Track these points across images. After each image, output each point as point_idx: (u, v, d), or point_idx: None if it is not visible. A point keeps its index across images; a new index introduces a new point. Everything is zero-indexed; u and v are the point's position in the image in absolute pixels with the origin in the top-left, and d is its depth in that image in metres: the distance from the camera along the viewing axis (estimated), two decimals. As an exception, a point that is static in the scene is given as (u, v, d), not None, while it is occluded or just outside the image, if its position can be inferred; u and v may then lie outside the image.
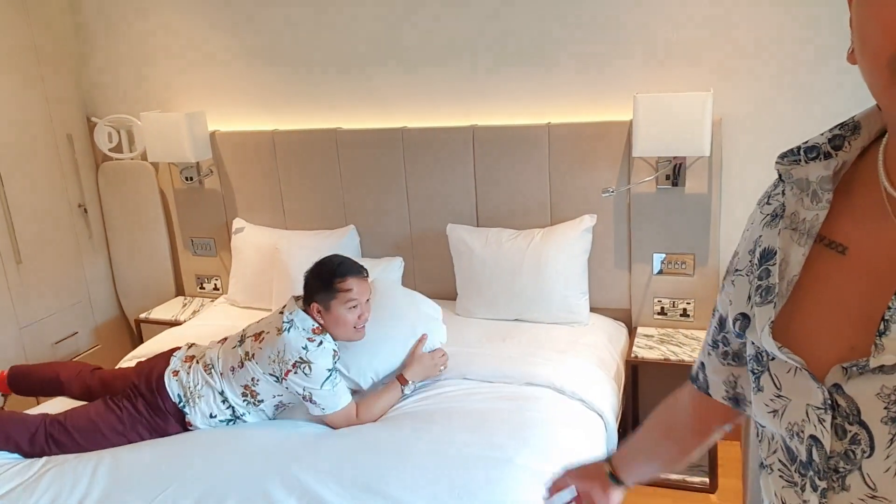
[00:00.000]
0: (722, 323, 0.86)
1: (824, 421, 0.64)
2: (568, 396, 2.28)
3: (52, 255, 3.28)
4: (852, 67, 0.63)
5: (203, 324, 3.06)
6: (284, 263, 3.03)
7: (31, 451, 2.14)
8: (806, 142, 0.73)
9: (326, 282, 2.22)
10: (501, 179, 2.91)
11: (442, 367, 2.40)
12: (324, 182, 3.17)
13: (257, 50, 3.18)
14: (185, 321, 3.20)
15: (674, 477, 2.64)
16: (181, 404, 2.21)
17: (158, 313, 3.38)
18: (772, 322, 0.70)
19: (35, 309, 3.18)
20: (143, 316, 3.39)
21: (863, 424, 0.61)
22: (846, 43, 0.64)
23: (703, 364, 0.92)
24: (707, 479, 2.62)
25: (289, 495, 1.83)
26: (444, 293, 3.04)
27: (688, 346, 2.67)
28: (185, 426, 2.23)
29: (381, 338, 2.38)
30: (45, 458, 2.11)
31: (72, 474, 2.00)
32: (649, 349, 2.66)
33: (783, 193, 0.75)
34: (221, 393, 2.21)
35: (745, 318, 0.77)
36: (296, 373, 2.13)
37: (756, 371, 0.74)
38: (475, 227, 2.95)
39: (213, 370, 2.25)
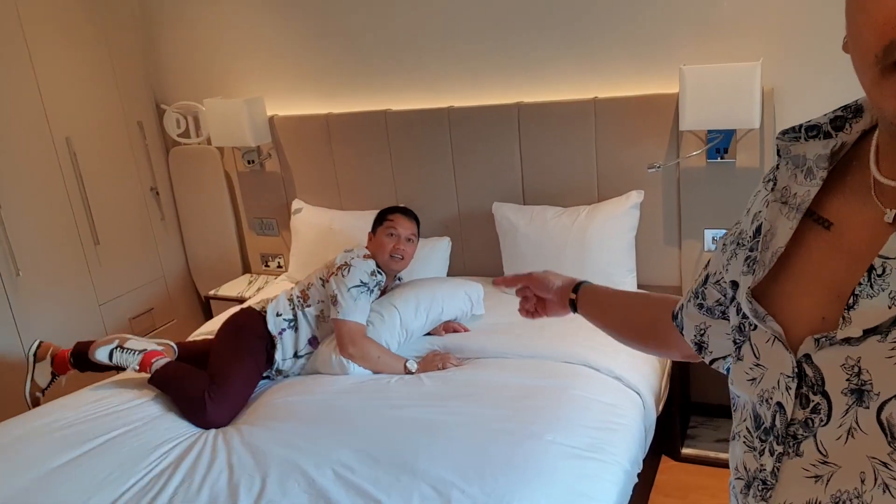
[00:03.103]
0: (706, 278, 0.90)
1: (790, 388, 0.67)
2: (604, 374, 2.28)
3: (128, 236, 3.50)
4: None
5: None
6: (338, 242, 3.13)
7: (197, 401, 2.27)
8: (808, 121, 0.74)
9: (381, 215, 2.72)
10: (547, 157, 2.90)
11: (439, 366, 2.44)
12: (375, 163, 3.25)
13: (310, 36, 3.27)
14: (249, 297, 3.37)
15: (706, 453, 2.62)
16: (262, 311, 2.58)
17: (226, 290, 3.57)
18: (749, 289, 0.73)
19: (113, 287, 3.42)
20: (212, 293, 3.58)
21: (825, 394, 0.64)
22: None
23: (682, 307, 0.97)
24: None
25: (324, 471, 1.91)
26: (491, 271, 3.07)
27: (738, 324, 2.61)
28: (270, 339, 2.52)
29: (410, 297, 2.60)
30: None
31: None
32: (696, 327, 2.61)
33: (777, 167, 0.77)
34: (289, 297, 2.62)
35: (734, 285, 0.80)
36: (337, 275, 2.51)
37: (738, 341, 0.77)
38: (520, 206, 2.96)
39: (286, 291, 2.69)
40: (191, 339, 2.96)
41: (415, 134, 3.12)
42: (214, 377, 2.35)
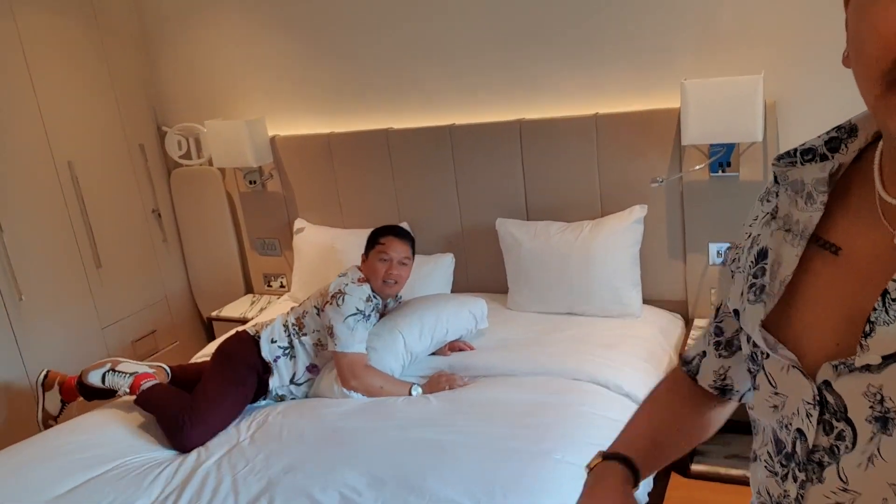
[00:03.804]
0: (717, 311, 0.89)
1: (811, 416, 0.66)
2: (613, 391, 2.26)
3: (130, 259, 3.49)
4: None
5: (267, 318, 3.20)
6: (340, 261, 3.12)
7: (174, 422, 2.27)
8: (803, 144, 0.74)
9: (374, 237, 2.62)
10: (550, 172, 2.90)
11: (446, 388, 2.41)
12: (377, 181, 3.24)
13: (311, 55, 3.28)
14: (252, 318, 3.35)
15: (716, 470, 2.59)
16: (255, 335, 2.54)
17: (229, 311, 3.55)
18: (762, 321, 0.71)
19: (115, 309, 3.40)
20: (214, 314, 3.56)
21: (848, 421, 0.63)
22: None
23: (701, 353, 0.93)
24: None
25: (330, 494, 1.88)
26: (496, 287, 3.06)
27: (745, 337, 2.59)
28: (263, 365, 2.48)
29: (414, 320, 2.57)
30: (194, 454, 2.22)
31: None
32: (703, 342, 2.59)
33: (777, 195, 0.76)
34: (284, 323, 2.56)
35: (737, 314, 0.79)
36: (331, 304, 2.44)
37: (752, 370, 0.76)
38: (524, 221, 2.95)
39: (283, 313, 2.65)
40: (193, 360, 2.95)
41: (417, 152, 3.12)
42: (194, 401, 2.35)
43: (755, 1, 2.50)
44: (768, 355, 0.72)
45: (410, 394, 2.39)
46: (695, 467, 2.68)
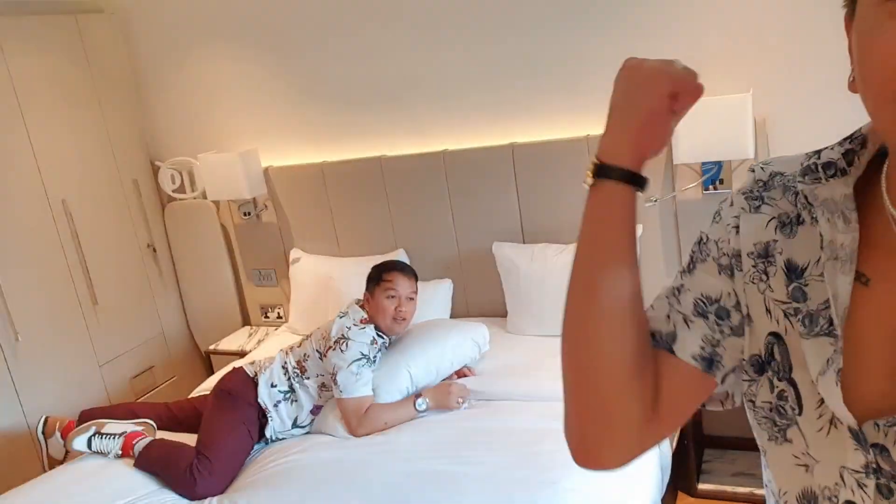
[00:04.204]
0: (709, 298, 0.71)
1: (866, 487, 0.58)
2: (616, 413, 2.25)
3: (126, 295, 3.48)
4: None
5: (262, 356, 3.17)
6: (338, 290, 3.12)
7: (185, 477, 2.23)
8: (818, 157, 0.66)
9: (377, 273, 2.55)
10: (544, 195, 2.91)
11: (460, 400, 2.41)
12: (372, 209, 3.25)
13: (302, 86, 3.29)
14: (250, 350, 3.33)
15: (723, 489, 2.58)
16: (254, 377, 2.49)
17: (226, 344, 3.53)
18: (839, 369, 0.59)
19: (112, 347, 3.38)
20: (212, 347, 3.54)
21: None
22: None
23: (685, 319, 0.72)
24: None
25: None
26: (495, 311, 3.06)
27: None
28: (260, 411, 2.43)
29: (418, 353, 2.52)
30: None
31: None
32: (705, 359, 2.59)
33: (802, 212, 0.67)
34: (284, 366, 2.50)
35: (779, 340, 0.66)
36: (334, 349, 2.37)
37: (780, 424, 0.65)
38: (521, 244, 2.96)
39: (282, 352, 2.58)
40: (193, 395, 2.92)
41: (411, 178, 3.13)
42: (202, 449, 2.30)
43: (741, 21, 2.53)
44: (800, 410, 0.62)
45: (416, 410, 2.35)
46: (701, 486, 2.67)
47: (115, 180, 3.45)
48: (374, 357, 2.42)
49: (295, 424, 2.46)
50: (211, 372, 3.44)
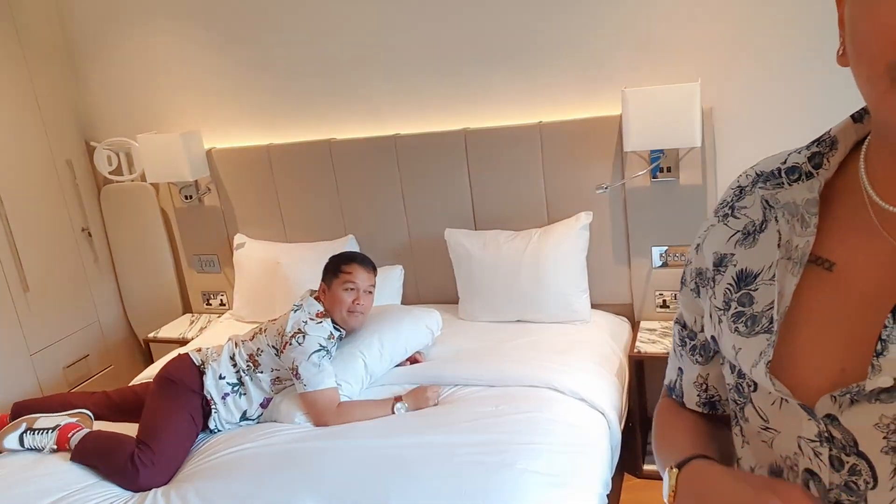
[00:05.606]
0: (684, 324, 0.83)
1: (820, 454, 0.61)
2: (569, 396, 2.28)
3: (60, 281, 3.32)
4: None
5: (207, 343, 3.08)
6: (286, 276, 3.05)
7: (126, 468, 2.15)
8: (784, 161, 0.69)
9: (335, 265, 2.48)
10: (496, 181, 2.91)
11: (434, 399, 2.38)
12: (321, 193, 3.19)
13: (247, 66, 3.20)
14: (191, 339, 3.24)
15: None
16: (201, 366, 2.40)
17: (166, 332, 3.42)
18: (769, 361, 0.65)
19: (45, 335, 3.23)
20: (151, 335, 3.42)
21: (861, 455, 0.59)
22: (836, 28, 0.60)
23: (680, 370, 0.86)
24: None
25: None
26: (446, 298, 3.05)
27: (691, 338, 2.66)
28: (205, 400, 2.35)
29: (373, 340, 2.51)
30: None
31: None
32: (652, 343, 2.65)
33: (770, 217, 0.70)
34: (232, 357, 2.42)
35: (714, 341, 0.74)
36: (291, 344, 2.30)
37: (739, 402, 0.71)
38: (473, 231, 2.96)
39: (230, 342, 2.49)
40: (135, 382, 2.82)
41: (361, 162, 3.08)
42: (143, 438, 2.21)
43: (689, 12, 2.58)
44: (755, 387, 0.67)
45: (394, 412, 2.30)
46: (647, 467, 2.73)
47: (47, 161, 3.29)
48: (332, 349, 2.37)
49: (244, 417, 2.39)
50: (150, 361, 3.32)
